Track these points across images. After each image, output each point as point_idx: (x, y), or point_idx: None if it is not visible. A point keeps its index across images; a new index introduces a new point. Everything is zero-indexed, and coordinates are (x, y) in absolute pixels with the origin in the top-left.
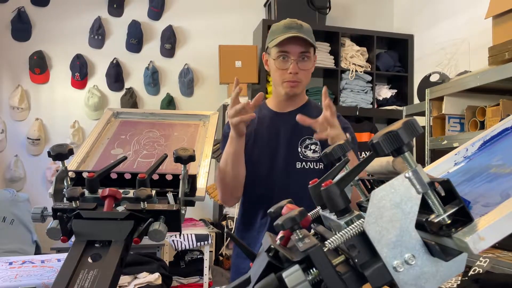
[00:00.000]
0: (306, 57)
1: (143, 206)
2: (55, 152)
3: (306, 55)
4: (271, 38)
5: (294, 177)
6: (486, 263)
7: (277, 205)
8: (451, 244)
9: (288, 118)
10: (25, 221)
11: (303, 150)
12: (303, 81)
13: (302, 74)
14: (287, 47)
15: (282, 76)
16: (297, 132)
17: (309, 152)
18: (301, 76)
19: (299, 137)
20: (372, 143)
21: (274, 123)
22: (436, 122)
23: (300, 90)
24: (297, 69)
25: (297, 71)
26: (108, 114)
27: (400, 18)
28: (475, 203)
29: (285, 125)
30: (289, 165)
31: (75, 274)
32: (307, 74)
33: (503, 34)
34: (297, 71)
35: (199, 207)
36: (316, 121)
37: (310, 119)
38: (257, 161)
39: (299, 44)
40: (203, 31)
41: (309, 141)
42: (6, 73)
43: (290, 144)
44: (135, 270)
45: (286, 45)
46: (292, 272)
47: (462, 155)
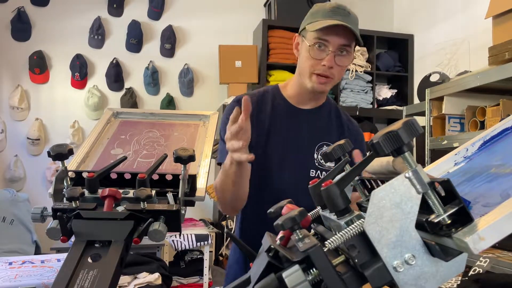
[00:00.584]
0: (346, 52)
1: (143, 206)
2: (55, 152)
3: (346, 49)
4: (311, 20)
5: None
6: (486, 263)
7: (277, 205)
8: (451, 244)
9: (307, 117)
10: (25, 221)
11: (319, 158)
12: (335, 79)
13: (337, 70)
14: (328, 35)
15: (313, 67)
16: (315, 135)
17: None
18: (334, 72)
19: (316, 141)
20: (372, 143)
21: (293, 119)
22: (436, 122)
23: (329, 88)
24: (333, 62)
25: (333, 65)
26: (108, 114)
27: (400, 18)
28: (475, 203)
29: (305, 124)
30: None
31: (75, 274)
32: (342, 71)
33: (503, 34)
34: (333, 65)
35: (199, 207)
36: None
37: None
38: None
39: (343, 35)
40: (203, 31)
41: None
42: (6, 73)
43: (306, 148)
44: (135, 270)
45: (327, 32)
46: (292, 272)
47: (462, 155)
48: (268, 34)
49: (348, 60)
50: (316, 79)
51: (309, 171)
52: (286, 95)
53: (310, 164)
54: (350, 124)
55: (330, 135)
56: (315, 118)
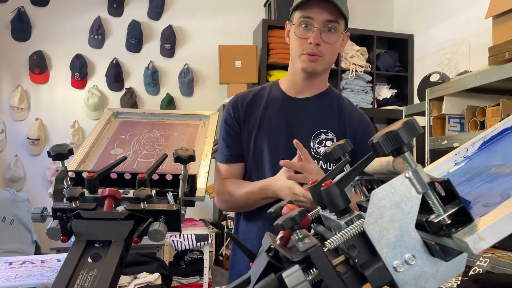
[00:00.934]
0: (333, 29)
1: (143, 206)
2: (54, 152)
3: (332, 25)
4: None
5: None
6: (486, 263)
7: (277, 205)
8: (451, 244)
9: (303, 105)
10: (25, 221)
11: (316, 146)
12: (325, 57)
13: (325, 48)
14: (312, 11)
15: (301, 46)
16: (311, 123)
17: (323, 149)
18: (323, 50)
19: (313, 130)
20: (372, 143)
21: (286, 109)
22: (436, 122)
23: (320, 67)
24: (319, 39)
25: (319, 42)
26: (108, 114)
27: (400, 18)
28: (475, 203)
29: (299, 113)
30: None
31: (75, 274)
32: (331, 49)
33: (503, 34)
34: (319, 42)
35: (199, 207)
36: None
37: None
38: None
39: (327, 10)
40: (203, 31)
41: (325, 135)
42: (6, 73)
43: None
44: (135, 270)
45: (311, 8)
46: (292, 272)
47: (462, 155)
48: (268, 34)
49: (335, 36)
50: (306, 58)
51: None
52: (284, 87)
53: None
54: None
55: (329, 123)
56: (313, 106)
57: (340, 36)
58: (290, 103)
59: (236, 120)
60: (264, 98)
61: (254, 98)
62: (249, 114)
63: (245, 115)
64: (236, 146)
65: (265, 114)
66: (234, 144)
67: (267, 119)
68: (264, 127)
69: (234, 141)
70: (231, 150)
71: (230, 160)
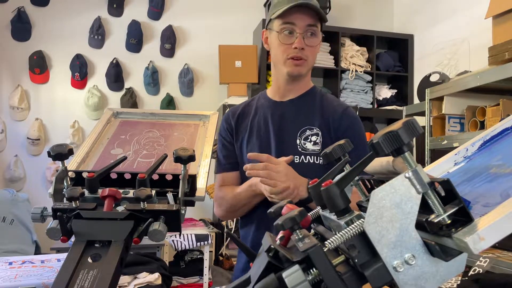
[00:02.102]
0: (314, 33)
1: (143, 206)
2: (54, 152)
3: (313, 29)
4: (274, 10)
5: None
6: (486, 263)
7: (277, 205)
8: (451, 244)
9: (288, 107)
10: (25, 221)
11: (302, 142)
12: (309, 60)
13: (309, 51)
14: (294, 17)
15: (286, 52)
16: (296, 122)
17: (309, 144)
18: (307, 53)
19: (298, 127)
20: (372, 143)
21: (272, 113)
22: (436, 122)
23: (305, 70)
24: (303, 44)
25: (304, 46)
26: (108, 114)
27: (400, 18)
28: (475, 203)
29: (285, 115)
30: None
31: (75, 274)
32: (314, 51)
33: (503, 34)
34: (304, 46)
35: (199, 207)
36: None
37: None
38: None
39: (308, 15)
40: (203, 31)
41: (310, 132)
42: (6, 73)
43: (288, 136)
44: (135, 270)
45: (292, 15)
46: (292, 272)
47: (462, 155)
48: None
49: (317, 39)
50: (291, 62)
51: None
52: (269, 94)
53: (294, 151)
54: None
55: (313, 119)
56: (298, 105)
57: (320, 38)
58: (276, 107)
59: (229, 131)
60: (253, 107)
61: (244, 109)
62: (240, 124)
63: (236, 126)
64: (232, 155)
65: (254, 121)
66: (229, 154)
67: (256, 125)
68: (254, 133)
69: (229, 151)
70: (227, 159)
71: (226, 169)
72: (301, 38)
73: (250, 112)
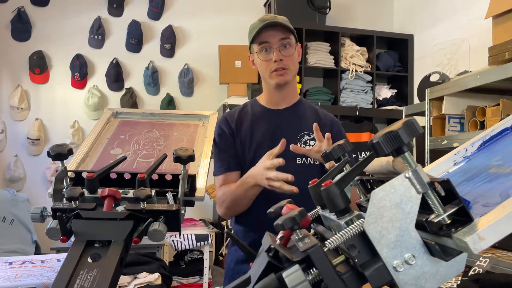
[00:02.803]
0: (288, 44)
1: (142, 206)
2: (54, 152)
3: (286, 41)
4: (250, 35)
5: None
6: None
7: (277, 205)
8: (451, 244)
9: (284, 115)
10: (25, 221)
11: (302, 146)
12: (290, 68)
13: (288, 60)
14: (266, 36)
15: (268, 67)
16: (295, 128)
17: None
18: (287, 63)
19: (297, 133)
20: (372, 143)
21: (270, 120)
22: (436, 122)
23: (289, 77)
24: (280, 55)
25: (281, 57)
26: (108, 114)
27: (400, 18)
28: (475, 203)
29: (282, 122)
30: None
31: (74, 274)
32: (293, 60)
33: (503, 34)
34: (281, 57)
35: (199, 207)
36: (311, 150)
37: (303, 149)
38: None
39: (277, 30)
40: (203, 31)
41: (308, 136)
42: (6, 73)
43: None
44: (135, 270)
45: (265, 35)
46: (292, 272)
47: (461, 155)
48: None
49: (292, 49)
50: (275, 74)
51: (295, 159)
52: (263, 103)
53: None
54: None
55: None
56: (292, 114)
57: (295, 47)
58: (272, 114)
59: (230, 133)
60: (249, 113)
61: (240, 114)
62: (239, 128)
63: (236, 129)
64: (231, 156)
65: (254, 126)
66: (229, 155)
67: (256, 130)
68: (255, 138)
69: (228, 152)
70: (227, 160)
71: (228, 169)
72: (278, 52)
73: (247, 118)
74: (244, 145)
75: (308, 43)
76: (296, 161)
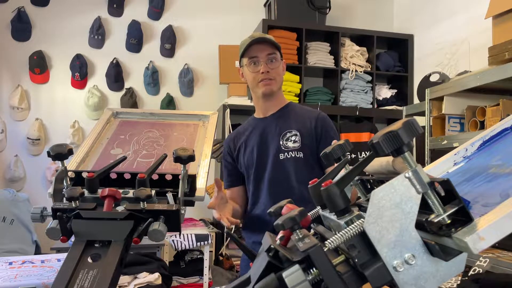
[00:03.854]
0: (274, 59)
1: (142, 206)
2: (54, 152)
3: (273, 56)
4: (241, 50)
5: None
6: (486, 263)
7: (277, 205)
8: (451, 244)
9: (270, 120)
10: (25, 221)
11: (284, 143)
12: (276, 79)
13: (274, 72)
14: (255, 51)
15: (256, 78)
16: (278, 129)
17: (290, 143)
18: (273, 74)
19: (280, 132)
20: (372, 143)
21: (259, 128)
22: (436, 122)
23: (275, 87)
24: (267, 68)
25: (268, 69)
26: (108, 114)
27: (400, 18)
28: (475, 203)
29: (269, 126)
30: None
31: (74, 274)
32: (277, 72)
33: (503, 34)
34: (268, 69)
35: (199, 207)
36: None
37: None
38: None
39: (265, 46)
40: (203, 31)
41: (289, 133)
42: (6, 73)
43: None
44: (135, 270)
45: (253, 50)
46: (292, 272)
47: (461, 155)
48: (268, 34)
49: (277, 63)
50: (262, 84)
51: (279, 155)
52: (256, 115)
53: (278, 150)
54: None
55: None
56: (279, 117)
57: (280, 62)
58: (260, 122)
59: (230, 154)
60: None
61: (240, 131)
62: (237, 143)
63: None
64: (234, 173)
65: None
66: (232, 172)
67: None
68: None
69: (232, 169)
70: (231, 177)
71: (231, 185)
72: (265, 64)
73: (244, 133)
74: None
75: (308, 43)
76: (279, 156)
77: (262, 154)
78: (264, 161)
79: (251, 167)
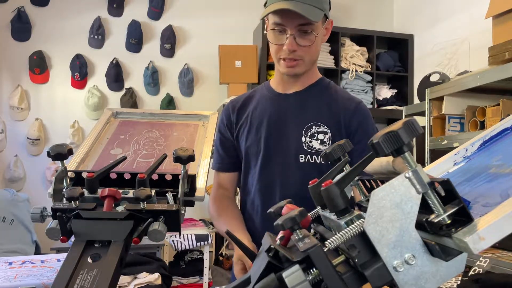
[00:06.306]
0: (307, 31)
1: (142, 206)
2: (54, 152)
3: (306, 28)
4: (267, 2)
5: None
6: (486, 263)
7: (277, 205)
8: (451, 244)
9: (292, 99)
10: (25, 221)
11: (308, 140)
12: (304, 59)
13: (303, 51)
14: (283, 18)
15: (278, 52)
16: (302, 117)
17: (315, 142)
18: (301, 53)
19: (304, 123)
20: (372, 143)
21: (274, 106)
22: (436, 122)
23: (302, 69)
24: (294, 45)
25: (295, 48)
26: (108, 114)
27: (400, 18)
28: (475, 203)
29: (288, 108)
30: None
31: (74, 274)
32: (310, 50)
33: (503, 34)
34: (295, 48)
35: (199, 207)
36: None
37: None
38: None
39: (297, 15)
40: (203, 31)
41: (316, 128)
42: (6, 73)
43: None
44: (135, 270)
45: (280, 16)
46: (292, 272)
47: (461, 155)
48: None
49: (311, 37)
50: (284, 64)
51: (298, 156)
52: (272, 85)
53: (298, 149)
54: (348, 102)
55: (320, 115)
56: (304, 98)
57: (320, 32)
58: (278, 98)
59: (228, 127)
60: (255, 98)
61: (245, 101)
62: (240, 117)
63: (237, 119)
64: (227, 155)
65: (255, 113)
66: (225, 153)
67: (257, 118)
68: (253, 128)
69: (226, 150)
70: (222, 159)
71: (220, 168)
72: (292, 39)
73: (251, 103)
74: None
75: None
76: (298, 158)
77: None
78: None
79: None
